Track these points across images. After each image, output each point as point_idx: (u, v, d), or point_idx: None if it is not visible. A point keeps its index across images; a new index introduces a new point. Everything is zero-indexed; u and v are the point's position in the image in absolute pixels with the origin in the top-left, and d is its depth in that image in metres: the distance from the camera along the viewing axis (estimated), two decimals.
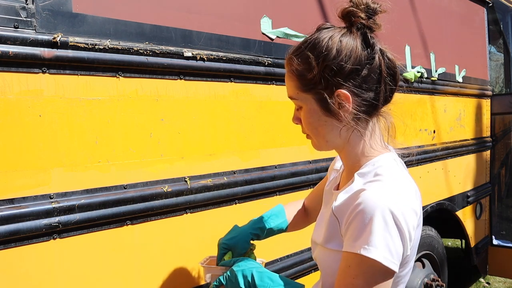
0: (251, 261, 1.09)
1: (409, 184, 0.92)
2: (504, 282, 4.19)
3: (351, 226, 0.85)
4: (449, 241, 5.34)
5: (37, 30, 1.08)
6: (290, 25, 1.71)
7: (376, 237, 0.80)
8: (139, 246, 1.29)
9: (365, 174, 0.93)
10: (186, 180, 1.40)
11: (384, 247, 0.80)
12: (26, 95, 1.07)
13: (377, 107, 0.95)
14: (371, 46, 0.92)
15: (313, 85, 0.93)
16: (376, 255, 0.80)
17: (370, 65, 0.92)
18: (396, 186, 0.88)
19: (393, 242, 0.81)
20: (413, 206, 0.87)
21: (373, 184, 0.88)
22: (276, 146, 1.69)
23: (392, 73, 0.95)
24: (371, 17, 0.92)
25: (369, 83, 0.92)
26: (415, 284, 2.57)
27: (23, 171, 1.06)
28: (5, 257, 1.04)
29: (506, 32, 3.92)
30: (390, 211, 0.81)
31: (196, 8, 1.42)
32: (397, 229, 0.82)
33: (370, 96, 0.93)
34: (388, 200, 0.83)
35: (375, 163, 0.94)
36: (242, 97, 1.57)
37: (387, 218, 0.81)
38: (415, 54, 2.48)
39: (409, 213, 0.85)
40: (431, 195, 2.70)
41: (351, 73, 0.91)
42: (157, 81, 1.33)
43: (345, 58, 0.90)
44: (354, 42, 0.91)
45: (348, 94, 0.91)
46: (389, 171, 0.91)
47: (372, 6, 0.92)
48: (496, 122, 3.53)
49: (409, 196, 0.88)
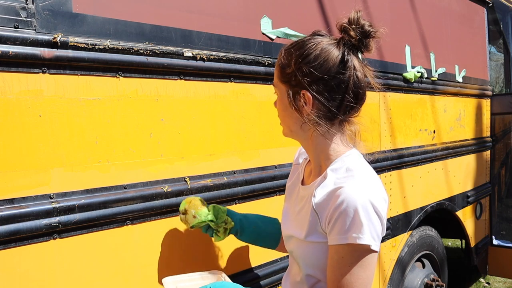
0: (227, 283, 1.12)
1: (376, 176, 1.05)
2: (504, 282, 4.19)
3: (338, 221, 0.95)
4: (449, 241, 5.34)
5: (37, 30, 1.08)
6: (290, 25, 1.71)
7: (364, 226, 0.93)
8: (139, 246, 1.29)
9: (337, 170, 1.04)
10: (186, 180, 1.40)
11: (370, 233, 0.94)
12: (26, 95, 1.07)
13: (337, 116, 1.04)
14: (345, 63, 1.00)
15: (288, 79, 1.06)
16: (367, 240, 0.93)
17: (338, 79, 1.00)
18: (368, 180, 1.01)
19: (375, 228, 0.95)
20: (383, 195, 1.01)
21: (349, 180, 0.99)
22: (276, 146, 1.69)
23: (355, 92, 1.03)
24: (362, 39, 0.99)
25: (333, 93, 1.01)
26: (415, 284, 2.57)
27: (23, 171, 1.06)
28: (5, 257, 1.04)
29: (506, 32, 3.92)
30: (370, 202, 0.95)
31: (196, 8, 1.42)
32: (377, 216, 0.96)
33: (331, 105, 1.02)
34: (366, 193, 0.96)
35: (345, 159, 1.05)
36: (242, 97, 1.57)
37: (368, 209, 0.94)
38: (415, 54, 2.48)
39: (382, 202, 0.99)
40: (431, 195, 2.70)
41: (318, 80, 1.01)
42: (157, 81, 1.33)
43: (317, 65, 1.00)
44: (333, 54, 1.01)
45: (311, 97, 1.02)
46: (359, 166, 1.04)
47: (365, 29, 0.99)
48: (496, 122, 3.53)
49: (379, 186, 1.02)
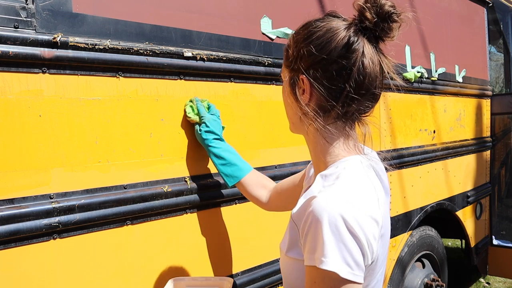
0: None
1: (370, 190, 0.83)
2: (504, 282, 4.19)
3: (308, 237, 0.78)
4: (449, 241, 5.34)
5: (37, 30, 1.08)
6: (290, 25, 1.71)
7: (330, 247, 0.73)
8: (139, 246, 1.29)
9: (327, 177, 0.86)
10: (186, 180, 1.40)
11: (340, 258, 0.73)
12: (26, 95, 1.07)
13: (334, 108, 0.86)
14: (350, 45, 0.83)
15: (290, 63, 0.92)
16: (334, 267, 0.73)
17: (340, 64, 0.84)
18: (350, 190, 0.80)
19: (349, 252, 0.74)
20: (371, 213, 0.78)
21: (326, 189, 0.81)
22: (276, 146, 1.69)
23: (358, 81, 0.84)
24: (379, 21, 0.82)
25: (333, 81, 0.85)
26: (415, 284, 2.57)
27: (23, 171, 1.06)
28: (5, 257, 1.04)
29: (506, 32, 3.92)
30: (342, 217, 0.74)
31: (196, 8, 1.42)
32: (352, 237, 0.74)
33: (329, 94, 0.85)
34: (337, 205, 0.75)
35: (339, 165, 0.87)
36: (242, 97, 1.57)
37: (338, 225, 0.74)
38: (415, 54, 2.48)
39: (365, 220, 0.76)
40: (431, 195, 2.70)
41: (316, 63, 0.85)
42: (157, 81, 1.32)
43: (318, 46, 0.85)
44: (338, 36, 0.84)
45: (308, 83, 0.87)
46: (350, 175, 0.83)
47: (385, 9, 0.81)
48: (496, 122, 3.53)
49: (366, 202, 0.80)
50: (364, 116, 0.91)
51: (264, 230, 1.65)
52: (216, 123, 1.40)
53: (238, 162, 1.40)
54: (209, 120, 1.37)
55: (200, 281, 1.30)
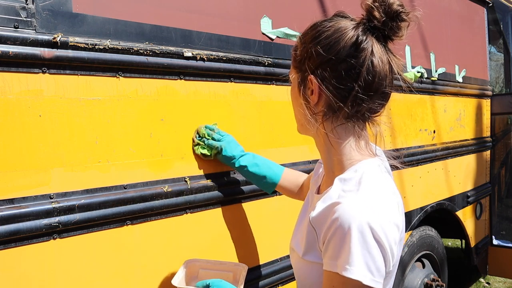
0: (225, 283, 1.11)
1: (391, 196, 0.85)
2: (504, 282, 4.19)
3: (331, 243, 0.79)
4: (449, 241, 5.34)
5: (37, 30, 1.08)
6: (290, 25, 1.71)
7: (356, 255, 0.75)
8: (139, 246, 1.29)
9: (347, 181, 0.86)
10: (186, 180, 1.40)
11: (364, 266, 0.75)
12: (26, 95, 1.07)
13: (342, 109, 0.87)
14: (358, 44, 0.83)
15: (298, 64, 0.92)
16: (358, 275, 0.75)
17: (348, 64, 0.84)
18: (375, 198, 0.81)
19: (373, 260, 0.76)
20: (394, 220, 0.80)
21: (350, 195, 0.82)
22: (276, 146, 1.69)
23: (368, 81, 0.84)
24: (387, 21, 0.83)
25: (341, 80, 0.85)
26: (415, 284, 2.57)
27: (23, 171, 1.06)
28: (5, 257, 1.04)
29: (506, 32, 3.92)
30: (369, 226, 0.76)
31: (196, 8, 1.42)
32: (377, 245, 0.76)
33: (338, 95, 0.86)
34: (365, 213, 0.77)
35: (358, 169, 0.87)
36: (242, 97, 1.57)
37: (365, 233, 0.75)
38: (415, 54, 2.48)
39: (389, 227, 0.78)
40: (431, 195, 2.70)
41: (325, 63, 0.85)
42: (157, 81, 1.32)
43: (326, 46, 0.85)
44: (347, 36, 0.84)
45: (317, 84, 0.87)
46: (372, 181, 0.84)
47: (393, 9, 0.82)
48: (496, 122, 3.53)
49: (389, 208, 0.81)
50: (375, 116, 0.91)
51: (264, 230, 1.65)
52: (231, 145, 1.41)
53: (267, 172, 1.41)
54: (224, 147, 1.39)
55: (214, 264, 1.30)
